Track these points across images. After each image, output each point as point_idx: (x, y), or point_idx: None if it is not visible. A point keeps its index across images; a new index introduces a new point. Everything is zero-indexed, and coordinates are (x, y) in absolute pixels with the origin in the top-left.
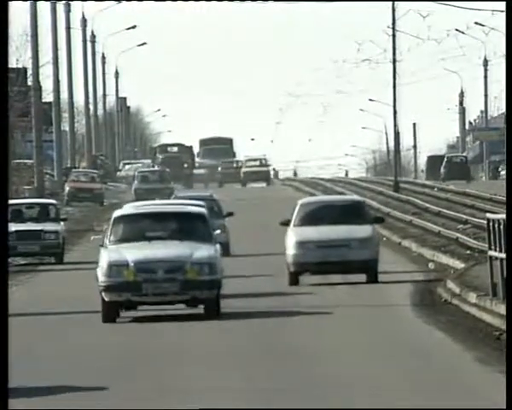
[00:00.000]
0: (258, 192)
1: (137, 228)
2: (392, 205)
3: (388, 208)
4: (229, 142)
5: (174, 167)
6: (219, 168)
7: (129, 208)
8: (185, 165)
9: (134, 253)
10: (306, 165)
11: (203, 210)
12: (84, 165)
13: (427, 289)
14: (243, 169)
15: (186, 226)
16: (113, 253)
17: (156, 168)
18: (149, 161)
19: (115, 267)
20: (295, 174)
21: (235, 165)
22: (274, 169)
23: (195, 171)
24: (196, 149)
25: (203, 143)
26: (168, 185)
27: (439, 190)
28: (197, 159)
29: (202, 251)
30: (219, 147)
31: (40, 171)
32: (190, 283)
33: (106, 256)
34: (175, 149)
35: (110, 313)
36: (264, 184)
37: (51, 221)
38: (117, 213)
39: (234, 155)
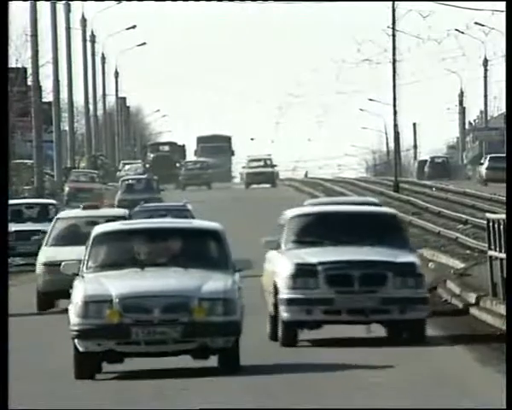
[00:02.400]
0: (259, 193)
1: (126, 250)
2: (393, 205)
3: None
4: (227, 140)
5: (165, 167)
6: (183, 169)
7: (114, 224)
8: (177, 164)
9: (120, 284)
10: (306, 165)
11: (218, 226)
12: (84, 165)
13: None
14: (246, 170)
15: (193, 248)
16: (92, 284)
17: (142, 176)
18: (140, 161)
19: (94, 305)
20: (306, 175)
21: (199, 166)
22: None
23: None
24: (194, 147)
25: (200, 140)
26: (156, 195)
27: (439, 190)
28: (194, 157)
29: (215, 282)
30: (217, 145)
31: (40, 171)
32: (198, 326)
33: (81, 289)
34: (166, 147)
35: (86, 367)
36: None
37: (51, 221)
38: (98, 229)
39: (232, 153)
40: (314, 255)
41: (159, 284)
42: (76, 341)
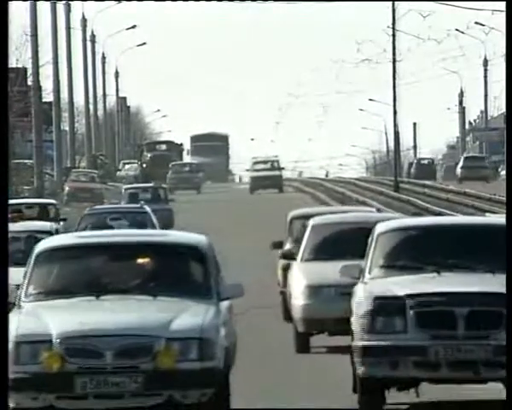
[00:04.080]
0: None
1: (77, 272)
2: (393, 205)
3: (388, 209)
4: (224, 139)
5: (163, 167)
6: (169, 172)
7: (65, 238)
8: None
9: (64, 319)
10: (306, 165)
11: (200, 240)
12: (84, 165)
13: None
14: (250, 173)
15: (166, 269)
16: (27, 318)
17: (149, 184)
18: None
19: (27, 346)
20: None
21: (187, 168)
22: None
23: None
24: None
25: (194, 139)
26: (164, 206)
27: (439, 190)
28: (188, 157)
29: (190, 316)
30: (212, 144)
31: (40, 171)
32: (164, 375)
33: (14, 325)
34: (163, 146)
35: None
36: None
37: (51, 221)
38: (42, 245)
39: (228, 152)
40: (402, 285)
41: (115, 319)
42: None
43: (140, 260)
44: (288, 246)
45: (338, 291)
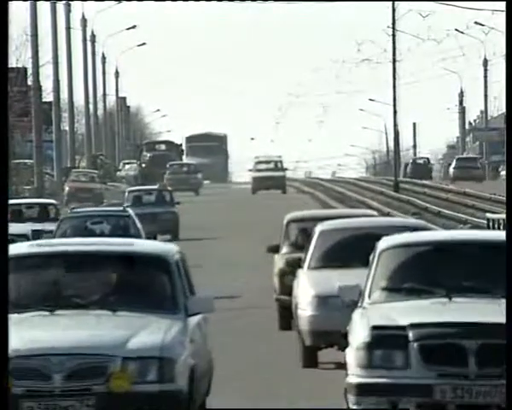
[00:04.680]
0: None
1: (32, 284)
2: (393, 205)
3: (388, 208)
4: (220, 139)
5: (162, 167)
6: (167, 173)
7: (19, 246)
8: None
9: (11, 336)
10: (306, 165)
11: (168, 250)
12: (84, 165)
13: None
14: (253, 174)
15: (129, 282)
16: None
17: (154, 187)
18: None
19: None
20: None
21: (185, 169)
22: None
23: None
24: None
25: (189, 140)
26: (170, 209)
27: (439, 190)
28: (184, 158)
29: (151, 334)
30: (207, 144)
31: (40, 171)
32: (119, 399)
33: None
34: (163, 146)
35: None
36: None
37: (51, 221)
38: None
39: (226, 153)
40: (406, 313)
41: (66, 337)
42: None
43: (100, 272)
44: (284, 250)
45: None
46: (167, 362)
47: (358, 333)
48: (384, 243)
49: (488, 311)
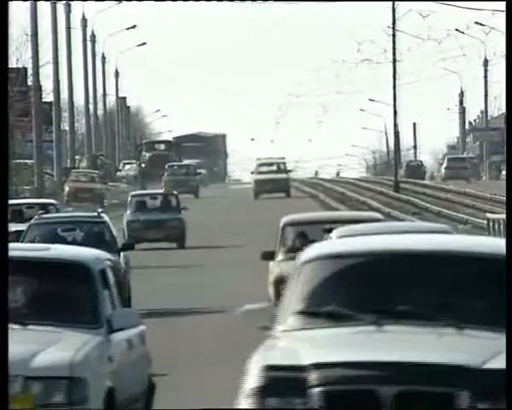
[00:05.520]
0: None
1: None
2: (393, 205)
3: (389, 208)
4: (209, 140)
5: (162, 167)
6: (165, 174)
7: None
8: None
9: None
10: (307, 165)
11: (91, 256)
12: (84, 165)
13: None
14: (255, 177)
15: (42, 292)
16: None
17: (158, 191)
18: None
19: None
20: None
21: (185, 170)
22: None
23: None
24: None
25: (177, 140)
26: (176, 215)
27: (439, 190)
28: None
29: (59, 350)
30: (196, 145)
31: (40, 171)
32: None
33: None
34: (162, 146)
35: None
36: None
37: None
38: None
39: (217, 153)
40: (315, 347)
41: None
42: None
43: (13, 280)
44: (280, 257)
45: None
46: (77, 382)
47: (250, 374)
48: (307, 253)
49: (423, 344)
